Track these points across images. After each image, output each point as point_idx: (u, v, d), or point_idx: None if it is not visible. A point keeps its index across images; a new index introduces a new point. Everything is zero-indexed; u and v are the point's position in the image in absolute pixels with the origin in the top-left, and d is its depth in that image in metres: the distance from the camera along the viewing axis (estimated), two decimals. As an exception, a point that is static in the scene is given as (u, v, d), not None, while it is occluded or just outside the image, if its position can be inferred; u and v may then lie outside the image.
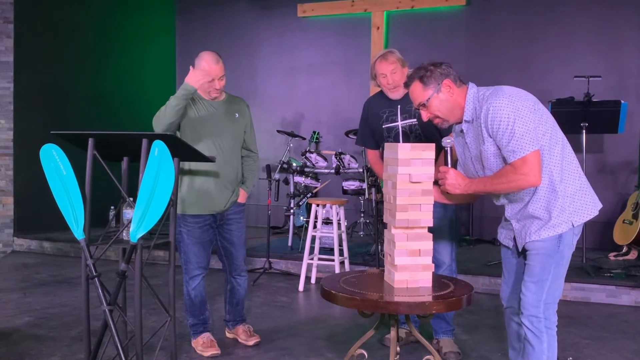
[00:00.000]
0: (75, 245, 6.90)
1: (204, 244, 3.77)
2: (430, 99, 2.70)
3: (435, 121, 2.78)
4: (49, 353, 3.80)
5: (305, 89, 8.44)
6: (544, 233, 2.60)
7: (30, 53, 7.40)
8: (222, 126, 3.72)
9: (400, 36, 7.75)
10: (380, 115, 3.78)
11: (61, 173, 2.73)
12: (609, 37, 6.91)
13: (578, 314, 4.79)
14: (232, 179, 3.77)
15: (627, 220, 5.97)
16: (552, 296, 2.64)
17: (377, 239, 5.11)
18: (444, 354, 3.67)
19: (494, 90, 2.63)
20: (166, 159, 2.64)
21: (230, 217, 3.84)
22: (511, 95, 2.55)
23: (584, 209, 2.63)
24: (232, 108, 3.80)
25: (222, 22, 8.83)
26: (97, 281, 2.71)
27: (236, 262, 3.92)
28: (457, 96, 2.71)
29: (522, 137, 2.49)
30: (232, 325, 4.06)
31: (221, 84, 3.68)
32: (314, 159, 6.88)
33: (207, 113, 3.71)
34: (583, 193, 2.64)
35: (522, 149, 2.49)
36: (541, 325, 2.61)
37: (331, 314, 4.72)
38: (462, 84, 2.74)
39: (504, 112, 2.51)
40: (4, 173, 7.37)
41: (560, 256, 2.61)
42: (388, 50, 3.77)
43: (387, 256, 2.81)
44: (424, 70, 2.72)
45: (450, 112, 2.72)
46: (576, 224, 2.61)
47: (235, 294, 3.99)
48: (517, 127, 2.49)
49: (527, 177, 2.51)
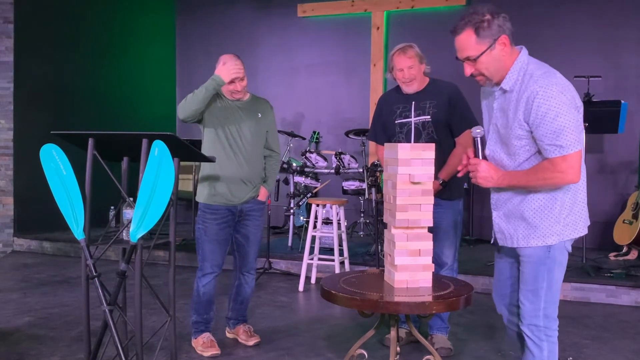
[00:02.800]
0: (75, 245, 6.90)
1: (219, 242, 3.79)
2: (482, 55, 2.39)
3: (478, 78, 2.48)
4: (49, 353, 3.80)
5: (305, 89, 8.44)
6: (532, 241, 2.47)
7: (30, 53, 7.40)
8: (244, 124, 3.77)
9: (400, 36, 7.73)
10: (394, 111, 3.78)
11: (61, 173, 2.73)
12: (609, 37, 6.91)
13: (578, 314, 4.79)
14: (251, 176, 3.81)
15: (627, 220, 5.97)
16: (551, 303, 2.52)
17: (377, 239, 5.11)
18: (437, 349, 3.68)
19: (545, 72, 2.35)
20: (166, 159, 2.64)
21: (248, 212, 3.85)
22: (564, 87, 2.30)
23: (577, 225, 2.48)
24: (256, 108, 3.86)
25: (222, 22, 8.83)
26: (97, 281, 2.71)
27: (247, 258, 3.93)
28: (507, 57, 2.40)
29: (570, 134, 2.28)
30: (233, 325, 4.07)
31: (242, 84, 3.73)
32: (314, 159, 6.88)
33: (231, 110, 3.77)
34: (580, 207, 2.49)
35: (568, 146, 2.29)
36: (541, 334, 2.52)
37: (331, 314, 4.72)
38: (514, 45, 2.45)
39: (553, 102, 2.27)
40: (4, 173, 7.37)
41: (552, 262, 2.47)
42: (407, 44, 3.76)
43: (387, 256, 2.81)
44: (480, 17, 2.35)
45: (497, 72, 2.42)
46: (566, 238, 2.46)
47: (241, 292, 3.99)
48: (566, 122, 2.27)
49: (566, 174, 2.33)
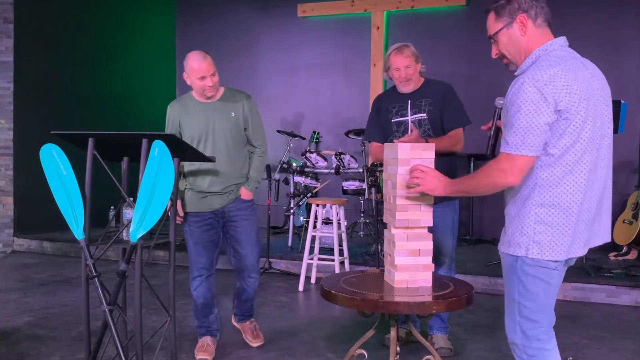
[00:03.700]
0: (75, 245, 6.90)
1: (204, 245, 3.71)
2: (499, 33, 2.29)
3: (504, 61, 2.35)
4: (49, 353, 3.80)
5: (305, 89, 8.44)
6: (503, 246, 2.27)
7: (30, 53, 7.41)
8: (215, 129, 3.61)
9: (400, 36, 7.73)
10: (390, 110, 3.79)
11: (61, 173, 2.73)
12: (609, 37, 6.91)
13: (578, 314, 4.79)
14: (228, 178, 3.67)
15: (627, 220, 5.97)
16: (527, 320, 2.23)
17: (377, 239, 5.11)
18: (437, 349, 3.69)
19: (546, 64, 2.13)
20: (166, 159, 2.64)
21: (233, 214, 3.73)
22: (545, 84, 2.06)
23: (555, 246, 2.14)
24: (228, 107, 3.66)
25: (222, 22, 8.82)
26: (97, 281, 2.71)
27: (244, 261, 3.79)
28: (530, 38, 2.23)
29: (517, 135, 2.08)
30: (239, 319, 4.06)
31: (214, 80, 3.55)
32: (314, 159, 6.88)
33: (198, 118, 3.62)
34: (568, 230, 2.14)
35: (513, 145, 2.09)
36: (522, 353, 2.25)
37: (331, 314, 4.72)
38: (546, 28, 2.26)
39: (520, 96, 2.08)
40: (4, 173, 7.37)
41: (524, 274, 2.19)
42: (403, 43, 3.74)
43: (387, 256, 2.81)
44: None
45: (517, 54, 2.27)
46: (530, 255, 2.16)
47: (242, 294, 3.93)
48: (522, 121, 2.07)
49: (504, 174, 2.13)
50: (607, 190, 2.28)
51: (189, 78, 3.58)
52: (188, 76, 3.58)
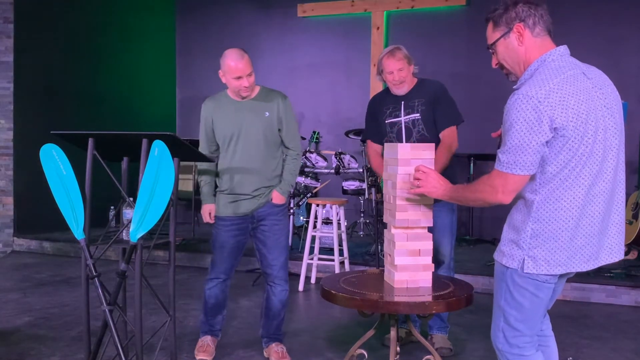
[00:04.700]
0: (75, 245, 6.90)
1: (228, 249, 3.63)
2: (496, 43, 2.23)
3: (503, 71, 2.29)
4: (49, 353, 3.80)
5: (305, 89, 8.44)
6: (497, 254, 2.25)
7: (30, 53, 7.40)
8: (247, 128, 3.52)
9: (400, 36, 7.74)
10: (384, 111, 3.81)
11: (61, 173, 2.73)
12: (609, 37, 6.91)
13: (578, 314, 4.79)
14: (259, 180, 3.57)
15: (627, 220, 5.97)
16: (510, 328, 2.23)
17: (377, 239, 5.11)
18: (437, 349, 3.69)
19: (542, 78, 2.06)
20: (166, 159, 2.64)
21: (263, 218, 3.61)
22: (539, 101, 1.99)
23: (542, 260, 2.11)
24: (262, 107, 3.56)
25: (222, 22, 8.83)
26: (97, 281, 2.71)
27: (271, 267, 3.67)
28: (527, 48, 2.17)
29: (510, 154, 2.04)
30: (265, 343, 3.80)
31: (250, 81, 3.46)
32: (314, 159, 6.88)
33: (230, 117, 3.55)
34: (555, 245, 2.10)
35: (505, 163, 2.06)
36: (505, 359, 2.27)
37: (331, 314, 4.72)
38: (546, 37, 2.19)
39: (513, 113, 2.03)
40: (4, 173, 7.36)
41: (512, 282, 2.18)
42: (395, 46, 3.73)
43: (387, 256, 2.81)
44: (497, 6, 2.25)
45: (516, 65, 2.21)
46: (526, 269, 2.13)
47: (270, 306, 3.75)
48: (514, 139, 2.02)
49: (496, 191, 2.11)
50: (617, 204, 2.23)
51: (225, 76, 3.49)
52: (224, 74, 3.48)
